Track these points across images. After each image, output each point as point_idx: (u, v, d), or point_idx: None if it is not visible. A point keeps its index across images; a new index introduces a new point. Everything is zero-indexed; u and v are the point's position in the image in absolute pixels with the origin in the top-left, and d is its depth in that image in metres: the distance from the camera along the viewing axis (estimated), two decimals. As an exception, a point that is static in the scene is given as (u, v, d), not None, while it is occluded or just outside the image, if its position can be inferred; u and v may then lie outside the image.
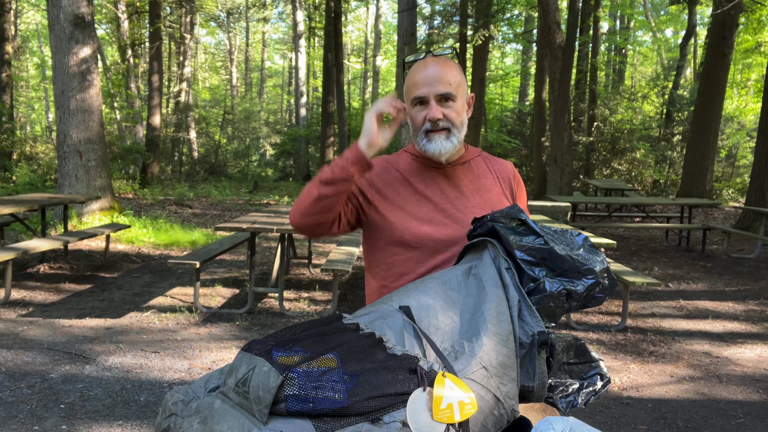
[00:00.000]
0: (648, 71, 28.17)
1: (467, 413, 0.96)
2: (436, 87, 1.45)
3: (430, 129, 1.48)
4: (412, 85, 1.49)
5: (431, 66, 1.47)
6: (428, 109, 1.47)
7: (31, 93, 31.73)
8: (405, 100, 1.54)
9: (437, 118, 1.45)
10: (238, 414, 0.95)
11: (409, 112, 1.52)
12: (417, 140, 1.52)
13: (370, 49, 29.86)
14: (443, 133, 1.48)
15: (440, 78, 1.45)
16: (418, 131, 1.51)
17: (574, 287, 1.14)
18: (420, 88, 1.47)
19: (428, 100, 1.46)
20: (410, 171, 1.59)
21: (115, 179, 14.85)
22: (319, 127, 18.18)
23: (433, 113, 1.45)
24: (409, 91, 1.51)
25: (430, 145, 1.48)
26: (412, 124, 1.53)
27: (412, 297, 1.17)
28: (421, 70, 1.48)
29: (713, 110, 12.44)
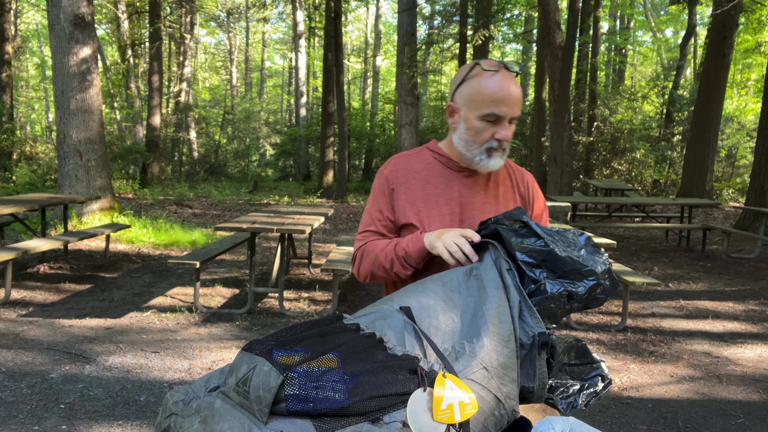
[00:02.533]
0: (648, 71, 28.17)
1: (467, 414, 0.96)
2: (514, 109, 1.44)
3: (494, 147, 1.47)
4: (489, 98, 1.42)
5: (511, 85, 1.43)
6: (500, 129, 1.45)
7: (31, 93, 31.72)
8: (463, 103, 1.48)
9: (508, 140, 1.46)
10: (238, 414, 0.95)
11: (471, 122, 1.46)
12: (472, 151, 1.49)
13: (370, 49, 29.86)
14: (501, 151, 1.48)
15: (518, 101, 1.44)
16: (478, 144, 1.47)
17: (575, 289, 1.14)
18: (500, 105, 1.42)
19: (503, 120, 1.44)
20: (430, 170, 1.58)
21: (115, 179, 14.85)
22: (319, 127, 18.17)
23: (506, 135, 1.45)
24: (481, 102, 1.44)
25: (490, 161, 1.48)
26: (472, 134, 1.47)
27: (413, 298, 1.17)
28: (502, 86, 1.42)
29: (713, 110, 12.44)
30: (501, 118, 1.43)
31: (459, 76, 1.50)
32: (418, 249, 1.46)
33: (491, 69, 1.43)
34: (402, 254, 1.49)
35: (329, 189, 15.68)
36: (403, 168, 1.60)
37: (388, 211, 1.59)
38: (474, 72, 1.46)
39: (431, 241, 1.42)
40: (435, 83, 23.89)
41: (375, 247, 1.55)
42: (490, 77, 1.42)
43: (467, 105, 1.46)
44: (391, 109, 22.55)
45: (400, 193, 1.57)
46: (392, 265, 1.50)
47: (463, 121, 1.48)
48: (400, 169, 1.60)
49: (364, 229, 1.62)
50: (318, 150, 18.85)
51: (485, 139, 1.46)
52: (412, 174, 1.58)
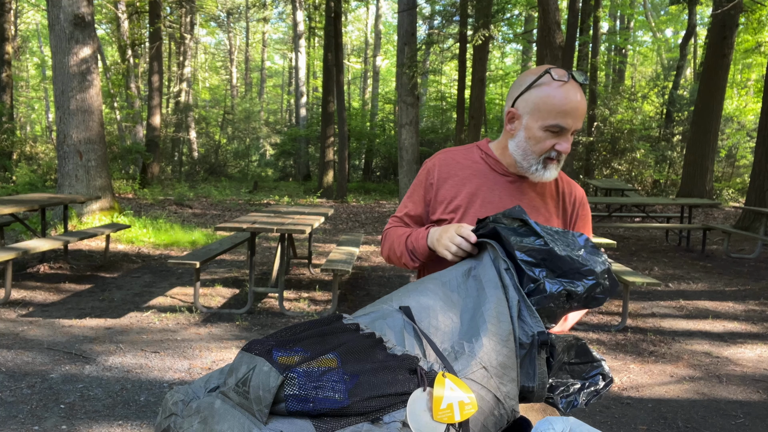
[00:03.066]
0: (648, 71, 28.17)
1: (467, 413, 0.96)
2: (578, 122, 1.41)
3: (552, 158, 1.44)
4: (556, 109, 1.38)
5: (579, 97, 1.39)
6: (562, 140, 1.41)
7: (31, 93, 31.72)
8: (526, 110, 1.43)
9: (568, 152, 1.44)
10: (238, 414, 0.95)
11: (533, 131, 1.42)
12: (529, 160, 1.46)
13: (370, 49, 29.86)
14: (556, 163, 1.45)
15: (583, 113, 1.41)
16: (537, 154, 1.44)
17: (575, 288, 1.14)
18: (566, 117, 1.38)
19: (566, 132, 1.41)
20: (475, 170, 1.56)
21: (115, 179, 14.85)
22: (319, 127, 18.17)
23: (567, 147, 1.42)
24: (546, 111, 1.39)
25: (546, 172, 1.45)
26: (531, 143, 1.43)
27: (412, 297, 1.17)
28: (570, 97, 1.38)
29: (713, 110, 12.45)
30: (564, 129, 1.40)
31: (524, 81, 1.45)
32: (422, 246, 1.49)
33: (561, 79, 1.39)
34: (411, 247, 1.53)
35: (329, 189, 15.68)
36: (447, 163, 1.58)
37: (418, 204, 1.60)
38: (543, 80, 1.41)
39: (432, 240, 1.43)
40: (435, 83, 23.89)
41: (394, 234, 1.60)
42: (559, 87, 1.38)
43: (531, 113, 1.42)
44: (391, 109, 22.55)
45: (440, 188, 1.56)
46: (402, 255, 1.55)
47: (523, 128, 1.44)
48: (444, 164, 1.58)
49: (395, 214, 1.67)
50: (318, 150, 18.85)
51: (545, 149, 1.43)
52: (456, 171, 1.56)
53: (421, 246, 1.49)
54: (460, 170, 1.56)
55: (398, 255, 1.57)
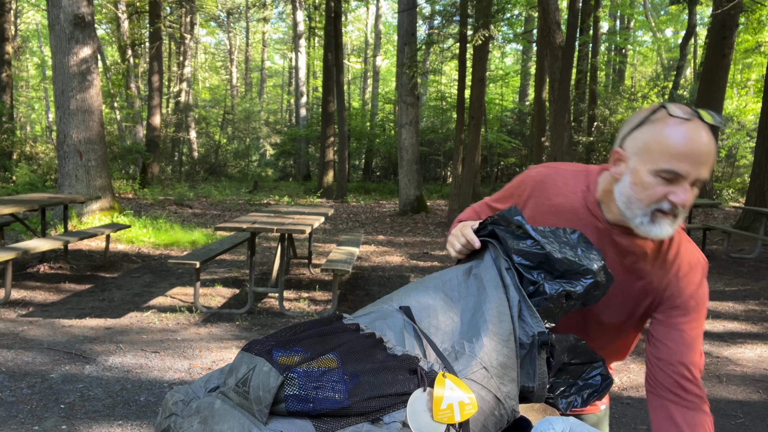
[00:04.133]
0: (648, 71, 28.17)
1: (467, 413, 0.96)
2: (702, 170, 1.14)
3: (664, 211, 1.18)
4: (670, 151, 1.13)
5: (703, 139, 1.13)
6: (678, 191, 1.15)
7: (31, 93, 31.73)
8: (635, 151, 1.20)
9: (685, 206, 1.16)
10: (238, 414, 0.95)
11: (641, 176, 1.18)
12: (633, 210, 1.20)
13: (370, 49, 29.86)
14: (671, 217, 1.18)
15: (708, 159, 1.14)
16: (644, 204, 1.18)
17: (574, 288, 1.14)
18: (682, 162, 1.13)
19: (683, 181, 1.15)
20: (570, 206, 1.33)
21: (115, 179, 14.85)
22: (319, 127, 18.18)
23: (684, 199, 1.15)
24: (659, 153, 1.15)
25: (653, 227, 1.19)
26: (638, 190, 1.18)
27: (413, 297, 1.17)
28: (690, 138, 1.13)
29: (713, 110, 12.43)
30: (681, 177, 1.14)
31: (636, 118, 1.23)
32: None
33: (680, 116, 1.15)
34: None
35: (329, 189, 15.68)
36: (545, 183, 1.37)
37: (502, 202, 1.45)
38: (657, 116, 1.18)
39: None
40: (435, 83, 23.89)
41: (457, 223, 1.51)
42: (677, 125, 1.14)
43: (640, 154, 1.18)
44: (391, 109, 22.55)
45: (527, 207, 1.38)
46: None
47: (630, 173, 1.20)
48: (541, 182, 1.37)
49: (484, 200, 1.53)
50: (318, 150, 18.86)
51: (654, 199, 1.17)
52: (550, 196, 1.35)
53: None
54: (555, 196, 1.35)
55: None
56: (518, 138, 19.21)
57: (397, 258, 7.61)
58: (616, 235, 1.28)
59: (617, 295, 1.31)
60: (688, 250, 1.29)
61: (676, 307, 1.27)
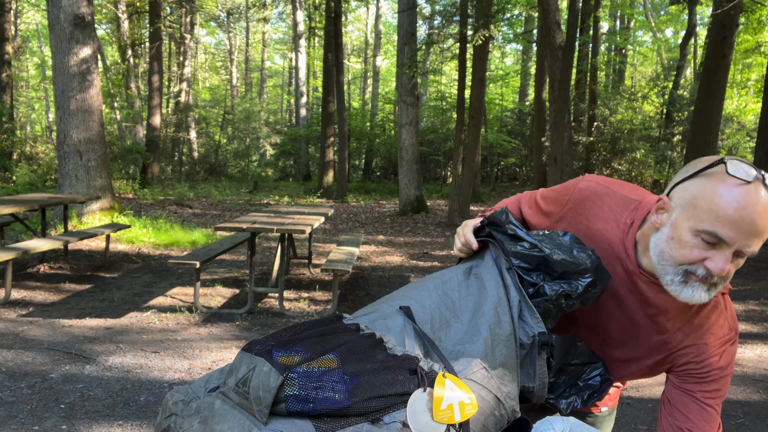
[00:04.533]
0: (648, 71, 28.17)
1: (467, 414, 0.96)
2: (751, 242, 1.01)
3: (698, 276, 1.05)
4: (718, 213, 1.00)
5: (761, 208, 0.99)
6: (717, 257, 1.02)
7: (31, 93, 31.73)
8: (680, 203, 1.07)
9: (722, 276, 1.04)
10: (238, 414, 0.95)
11: (680, 230, 1.06)
12: (664, 265, 1.09)
13: (370, 49, 29.86)
14: (706, 285, 1.06)
15: (762, 231, 1.00)
16: (677, 263, 1.07)
17: (573, 289, 1.14)
18: (728, 227, 1.00)
19: (726, 248, 1.02)
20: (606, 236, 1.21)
21: (115, 179, 14.85)
22: (319, 127, 18.18)
23: (721, 269, 1.02)
24: (705, 211, 1.02)
25: (684, 289, 1.07)
26: (674, 247, 1.07)
27: (413, 297, 1.17)
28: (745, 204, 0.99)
29: (713, 110, 12.45)
30: (724, 243, 1.01)
31: (691, 168, 1.08)
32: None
33: (740, 176, 1.00)
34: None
35: (329, 189, 15.68)
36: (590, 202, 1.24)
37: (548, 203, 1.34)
38: (713, 170, 1.04)
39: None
40: (435, 83, 23.90)
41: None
42: (735, 186, 1.00)
43: (685, 208, 1.06)
44: (391, 109, 22.55)
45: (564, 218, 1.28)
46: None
47: (670, 225, 1.08)
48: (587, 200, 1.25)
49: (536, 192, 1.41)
50: (318, 150, 18.86)
51: (689, 260, 1.05)
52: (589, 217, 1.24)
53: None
54: (594, 219, 1.23)
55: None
56: (518, 138, 19.21)
57: (397, 258, 7.61)
58: (644, 282, 1.18)
59: (633, 337, 1.23)
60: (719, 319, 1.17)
61: (694, 376, 1.18)
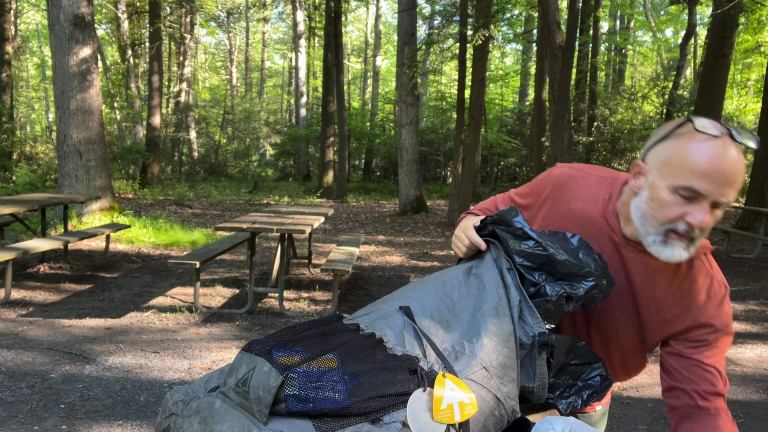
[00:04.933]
0: (648, 71, 28.17)
1: (467, 414, 0.96)
2: (725, 191, 1.06)
3: (679, 232, 1.10)
4: (692, 168, 1.06)
5: (729, 158, 1.06)
6: (695, 211, 1.08)
7: (31, 93, 31.73)
8: (655, 165, 1.14)
9: (702, 227, 1.08)
10: (238, 414, 0.95)
11: (658, 190, 1.11)
12: (645, 226, 1.14)
13: (370, 49, 29.87)
14: (687, 240, 1.11)
15: (733, 181, 1.06)
16: (658, 222, 1.12)
17: (575, 291, 1.14)
18: (704, 180, 1.06)
19: (703, 200, 1.07)
20: (588, 214, 1.26)
21: (115, 179, 14.85)
22: (319, 127, 18.19)
23: (700, 220, 1.07)
24: (679, 168, 1.08)
25: (665, 249, 1.12)
26: (654, 206, 1.12)
27: (413, 297, 1.17)
28: (716, 156, 1.06)
29: (713, 110, 12.45)
30: (701, 196, 1.07)
31: (662, 131, 1.17)
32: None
33: (707, 132, 1.08)
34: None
35: (329, 189, 15.69)
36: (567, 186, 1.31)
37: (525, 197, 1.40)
38: (683, 130, 1.11)
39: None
40: (435, 83, 23.90)
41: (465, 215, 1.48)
42: (703, 142, 1.07)
43: (660, 169, 1.12)
44: (391, 109, 22.55)
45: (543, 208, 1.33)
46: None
47: (648, 187, 1.15)
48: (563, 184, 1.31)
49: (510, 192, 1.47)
50: (318, 150, 18.86)
51: (669, 218, 1.10)
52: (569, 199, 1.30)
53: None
54: (574, 200, 1.29)
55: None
56: (518, 138, 19.21)
57: (397, 258, 7.61)
58: (631, 252, 1.22)
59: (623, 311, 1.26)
60: (707, 279, 1.21)
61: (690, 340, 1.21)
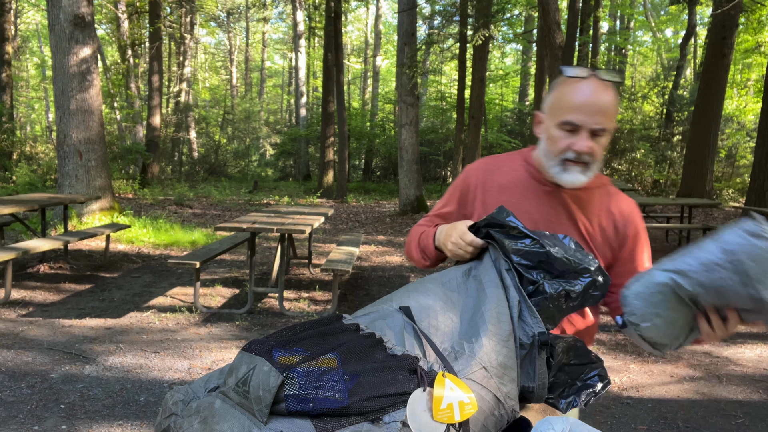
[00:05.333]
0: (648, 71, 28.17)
1: (467, 413, 0.96)
2: (596, 119, 1.31)
3: (571, 159, 1.35)
4: (567, 105, 1.33)
5: (596, 92, 1.31)
6: (577, 139, 1.33)
7: (31, 93, 31.73)
8: (546, 111, 1.41)
9: (586, 152, 1.33)
10: (238, 414, 0.95)
11: (550, 129, 1.38)
12: (549, 162, 1.39)
13: (370, 49, 29.87)
14: (581, 165, 1.35)
15: (603, 110, 1.31)
16: (554, 155, 1.37)
17: (573, 287, 1.14)
18: (577, 114, 1.31)
19: (581, 130, 1.32)
20: (513, 177, 1.49)
21: (115, 179, 14.85)
22: (319, 127, 18.19)
23: (583, 146, 1.32)
24: (559, 108, 1.35)
25: (565, 175, 1.36)
26: (549, 144, 1.38)
27: (412, 297, 1.17)
28: (584, 92, 1.31)
29: (713, 110, 12.45)
30: (579, 127, 1.32)
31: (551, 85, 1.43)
32: (430, 245, 1.46)
33: (576, 76, 1.34)
34: (422, 246, 1.50)
35: (329, 189, 15.69)
36: (488, 170, 1.52)
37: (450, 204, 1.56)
38: (559, 80, 1.38)
39: (441, 241, 1.40)
40: (435, 83, 23.90)
41: (415, 232, 1.57)
42: (574, 84, 1.34)
43: (548, 114, 1.40)
44: (391, 109, 22.55)
45: (478, 196, 1.51)
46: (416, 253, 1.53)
47: (544, 130, 1.41)
48: (484, 171, 1.53)
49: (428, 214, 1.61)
50: (318, 150, 18.86)
51: (561, 150, 1.35)
52: (495, 178, 1.50)
53: (430, 246, 1.46)
54: (499, 177, 1.50)
55: (413, 254, 1.54)
56: (518, 138, 19.20)
57: (397, 258, 7.61)
58: (563, 193, 1.43)
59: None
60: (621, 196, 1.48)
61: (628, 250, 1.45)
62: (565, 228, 1.42)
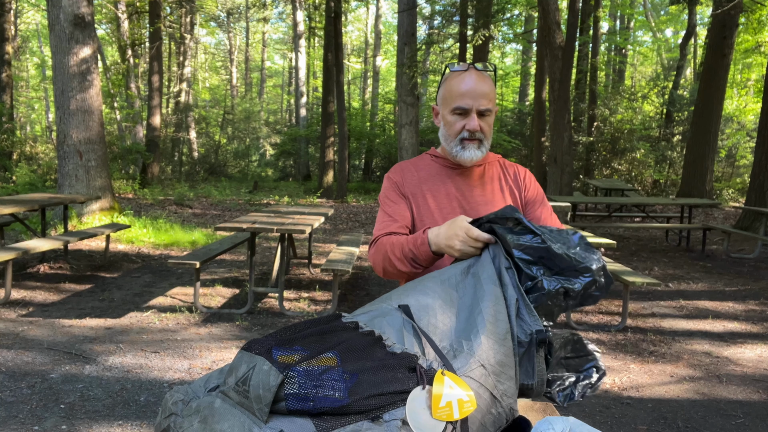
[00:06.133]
0: (648, 71, 28.17)
1: (466, 411, 0.96)
2: (480, 101, 1.58)
3: (467, 138, 1.61)
4: (455, 94, 1.60)
5: (476, 80, 1.59)
6: (468, 120, 1.60)
7: (31, 93, 31.73)
8: (440, 103, 1.67)
9: (477, 129, 1.60)
10: (238, 413, 0.95)
11: (445, 117, 1.64)
12: (450, 145, 1.65)
13: (370, 49, 29.86)
14: (476, 142, 1.62)
15: (483, 94, 1.58)
16: (453, 137, 1.63)
17: (572, 285, 1.14)
18: (464, 99, 1.58)
19: (470, 112, 1.59)
20: (429, 170, 1.73)
21: (115, 179, 14.85)
22: (319, 127, 18.18)
23: (474, 125, 1.59)
24: (450, 98, 1.62)
25: (464, 152, 1.62)
26: (447, 129, 1.64)
27: (411, 296, 1.17)
28: (467, 81, 1.59)
29: (713, 110, 12.44)
30: (467, 110, 1.59)
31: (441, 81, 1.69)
32: (425, 252, 1.46)
33: (458, 69, 1.62)
34: (410, 255, 1.50)
35: (329, 189, 15.68)
36: (404, 171, 1.74)
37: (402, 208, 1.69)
38: (447, 75, 1.65)
39: (442, 243, 1.40)
40: (435, 83, 23.89)
41: (387, 244, 1.57)
42: (457, 76, 1.61)
43: (442, 104, 1.66)
44: (391, 109, 22.55)
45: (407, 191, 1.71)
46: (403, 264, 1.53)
47: (442, 119, 1.67)
48: (401, 172, 1.74)
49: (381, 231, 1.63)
50: (318, 150, 18.86)
51: (457, 131, 1.62)
52: (413, 175, 1.73)
53: (424, 251, 1.46)
54: (416, 172, 1.73)
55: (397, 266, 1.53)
56: (518, 138, 19.20)
57: (397, 258, 7.60)
58: (471, 170, 1.70)
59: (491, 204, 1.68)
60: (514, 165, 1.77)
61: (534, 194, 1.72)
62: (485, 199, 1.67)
